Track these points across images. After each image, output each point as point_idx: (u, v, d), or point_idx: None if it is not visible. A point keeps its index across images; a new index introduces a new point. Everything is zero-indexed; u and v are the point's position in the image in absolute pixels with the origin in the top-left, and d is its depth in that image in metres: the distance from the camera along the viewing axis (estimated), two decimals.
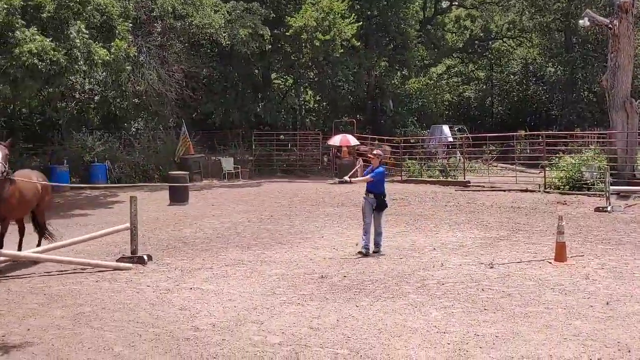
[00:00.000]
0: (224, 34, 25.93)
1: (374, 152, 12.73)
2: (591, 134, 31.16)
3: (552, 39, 41.47)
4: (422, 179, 25.81)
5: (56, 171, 23.91)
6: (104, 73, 20.81)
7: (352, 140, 28.57)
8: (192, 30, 25.70)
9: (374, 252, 11.83)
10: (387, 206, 12.27)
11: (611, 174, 18.72)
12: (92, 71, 18.60)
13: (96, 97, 28.56)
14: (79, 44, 17.05)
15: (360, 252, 11.77)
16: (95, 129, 28.61)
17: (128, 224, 11.40)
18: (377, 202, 11.96)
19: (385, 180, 12.79)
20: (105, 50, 18.12)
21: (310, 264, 11.17)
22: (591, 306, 8.20)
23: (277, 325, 7.70)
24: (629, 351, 6.59)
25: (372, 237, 11.85)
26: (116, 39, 19.17)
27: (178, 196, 20.06)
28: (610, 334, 7.13)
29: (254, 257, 11.82)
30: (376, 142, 30.84)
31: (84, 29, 17.35)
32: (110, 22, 18.80)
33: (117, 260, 11.20)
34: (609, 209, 16.65)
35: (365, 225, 11.91)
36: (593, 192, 19.96)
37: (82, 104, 28.65)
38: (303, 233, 14.28)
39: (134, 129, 31.33)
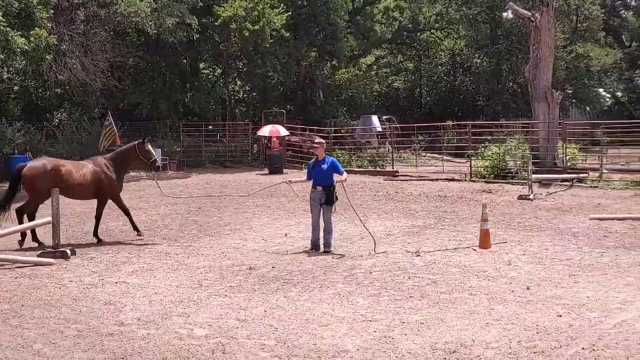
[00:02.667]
0: (150, 23, 25.40)
1: (317, 140, 12.04)
2: (515, 123, 32.12)
3: (478, 30, 42.42)
4: (351, 169, 25.97)
5: None
6: (24, 62, 20.04)
7: (282, 131, 28.51)
8: (117, 19, 25.07)
9: (324, 251, 11.10)
10: (337, 199, 11.31)
11: (533, 163, 19.30)
12: (11, 60, 17.86)
13: (15, 87, 27.51)
14: None
15: (306, 250, 11.27)
16: (15, 119, 27.59)
17: (50, 218, 11.04)
18: (325, 196, 11.16)
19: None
20: (23, 38, 17.45)
21: (239, 255, 11.09)
22: (512, 291, 8.44)
23: (203, 317, 7.61)
24: (548, 333, 6.81)
25: (321, 234, 11.28)
26: (36, 27, 18.49)
27: None
28: (529, 317, 7.35)
29: (181, 249, 11.66)
30: (306, 132, 30.89)
31: (0, 17, 16.64)
32: (29, 9, 18.09)
33: (38, 256, 10.84)
34: (531, 196, 17.17)
35: (312, 221, 11.30)
36: (517, 181, 20.56)
37: (0, 93, 27.58)
38: (232, 225, 14.16)
39: (57, 120, 30.39)
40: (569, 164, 21.85)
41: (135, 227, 12.74)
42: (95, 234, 12.60)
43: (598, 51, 40.48)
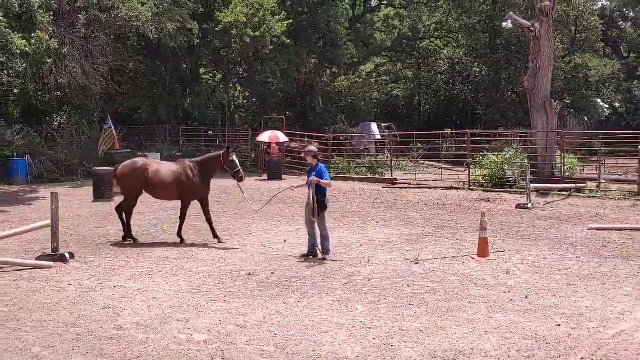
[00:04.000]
0: (151, 28, 25.40)
1: (307, 149, 12.12)
2: (514, 133, 32.11)
3: (478, 39, 42.46)
4: (350, 176, 25.99)
5: None
6: (24, 65, 20.04)
7: (282, 137, 28.51)
8: (118, 23, 25.05)
9: (322, 258, 11.09)
10: (325, 207, 11.41)
11: (532, 172, 19.31)
12: (11, 62, 17.85)
13: (15, 90, 27.50)
14: None
15: (303, 255, 11.29)
16: (14, 122, 27.58)
17: (49, 221, 11.04)
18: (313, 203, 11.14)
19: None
20: (24, 41, 17.44)
21: (238, 261, 11.09)
22: (511, 300, 8.45)
23: (203, 323, 7.61)
24: (547, 343, 6.82)
25: (319, 240, 11.27)
26: (37, 31, 18.49)
27: (102, 193, 19.54)
28: (528, 326, 7.37)
29: (181, 254, 11.66)
30: (305, 139, 30.90)
31: (1, 17, 16.62)
32: (30, 12, 18.08)
33: (37, 259, 10.84)
34: (529, 205, 17.18)
35: (307, 228, 11.46)
36: (515, 190, 20.57)
37: (0, 96, 27.59)
38: (231, 230, 14.16)
39: (56, 123, 30.38)
40: (567, 174, 21.88)
41: (215, 235, 12.74)
42: (179, 234, 12.81)
43: (596, 62, 40.55)
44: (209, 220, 12.95)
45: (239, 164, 12.67)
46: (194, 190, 12.77)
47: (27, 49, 17.58)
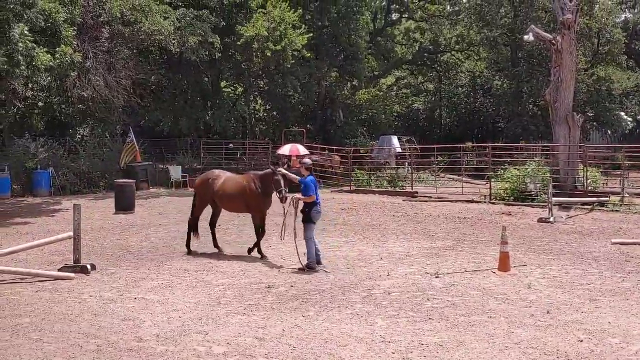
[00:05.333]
0: (173, 41, 25.65)
1: (302, 160, 12.31)
2: (535, 146, 31.89)
3: (499, 52, 42.34)
4: (370, 189, 25.96)
5: None
6: (48, 78, 20.32)
7: (302, 150, 28.57)
8: (140, 37, 25.33)
9: (302, 268, 11.30)
10: (311, 219, 11.39)
11: (554, 186, 19.16)
12: (35, 76, 18.08)
13: (40, 103, 27.87)
14: (20, 48, 16.57)
15: (324, 270, 11.25)
16: (39, 135, 27.92)
17: (71, 233, 11.15)
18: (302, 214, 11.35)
19: (333, 190, 12.39)
20: (49, 55, 17.68)
21: (257, 273, 11.11)
22: (532, 315, 8.37)
23: (222, 335, 7.62)
24: (568, 359, 6.73)
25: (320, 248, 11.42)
26: (62, 45, 18.73)
27: (124, 204, 19.72)
28: (550, 342, 7.28)
29: (200, 266, 11.70)
30: (326, 151, 30.96)
31: (27, 32, 16.86)
32: (55, 27, 18.33)
33: (59, 270, 10.94)
34: (551, 219, 17.03)
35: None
36: (536, 203, 20.40)
37: (24, 109, 27.94)
38: (250, 242, 14.16)
39: (79, 136, 30.71)
40: (589, 187, 21.67)
41: (259, 250, 12.66)
42: (258, 250, 12.64)
43: (619, 74, 40.22)
44: (257, 232, 12.82)
45: (283, 184, 12.11)
46: (256, 202, 12.67)
47: (51, 63, 17.81)
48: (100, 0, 24.13)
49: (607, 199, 20.23)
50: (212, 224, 13.63)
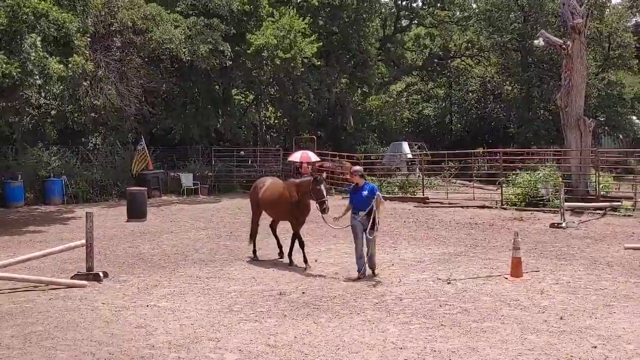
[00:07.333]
0: (184, 50, 25.80)
1: (353, 169, 12.01)
2: (547, 151, 31.77)
3: (509, 58, 42.22)
4: (381, 195, 25.90)
5: (10, 186, 23.47)
6: (61, 87, 20.45)
7: (313, 157, 28.62)
8: (152, 46, 25.49)
9: (372, 274, 11.20)
10: (379, 224, 11.31)
11: (566, 191, 19.06)
12: (48, 85, 18.22)
13: (52, 112, 28.07)
14: (33, 58, 16.70)
15: (353, 278, 11.06)
16: (51, 143, 28.11)
17: (83, 241, 11.20)
18: (367, 222, 11.11)
19: (345, 197, 12.41)
20: (62, 65, 17.81)
21: (269, 280, 11.12)
22: (545, 321, 8.32)
23: (234, 342, 7.63)
24: None
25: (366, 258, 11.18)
26: (74, 55, 18.87)
27: (136, 212, 19.81)
28: (563, 348, 7.24)
29: (212, 273, 11.73)
30: (336, 158, 30.97)
31: (39, 43, 17.00)
32: (68, 37, 18.46)
33: (72, 278, 10.99)
34: (563, 225, 16.94)
35: (357, 249, 11.21)
36: (548, 209, 20.30)
37: (37, 118, 28.14)
38: (262, 250, 14.18)
39: (91, 144, 30.88)
40: (602, 192, 21.55)
41: (289, 257, 12.66)
42: (304, 259, 12.39)
43: (631, 79, 40.04)
44: (292, 239, 12.69)
45: (325, 194, 11.78)
46: (293, 210, 12.51)
47: (64, 73, 17.93)
48: (111, 9, 24.31)
49: (620, 203, 20.11)
50: (273, 229, 13.70)
